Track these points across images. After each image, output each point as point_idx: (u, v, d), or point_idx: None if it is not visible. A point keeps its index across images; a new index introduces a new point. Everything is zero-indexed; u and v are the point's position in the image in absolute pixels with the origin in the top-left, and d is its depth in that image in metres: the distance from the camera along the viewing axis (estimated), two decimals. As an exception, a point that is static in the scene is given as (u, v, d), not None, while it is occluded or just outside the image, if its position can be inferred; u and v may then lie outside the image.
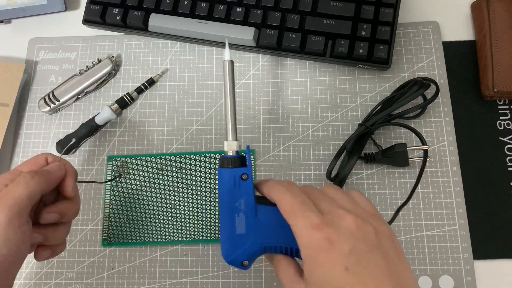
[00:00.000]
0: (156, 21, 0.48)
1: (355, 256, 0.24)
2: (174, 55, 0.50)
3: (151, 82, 0.49)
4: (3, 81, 0.49)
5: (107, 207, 0.45)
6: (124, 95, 0.48)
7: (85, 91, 0.49)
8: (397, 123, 0.43)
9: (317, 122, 0.47)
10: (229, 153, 0.32)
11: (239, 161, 0.32)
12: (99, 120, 0.47)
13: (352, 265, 0.24)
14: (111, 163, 0.47)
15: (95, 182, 0.46)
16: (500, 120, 0.45)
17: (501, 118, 0.46)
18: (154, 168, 0.46)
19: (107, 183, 0.46)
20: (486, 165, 0.44)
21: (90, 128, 0.47)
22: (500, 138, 0.45)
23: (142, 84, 0.49)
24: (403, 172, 0.44)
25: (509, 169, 0.44)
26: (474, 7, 0.48)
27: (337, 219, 0.26)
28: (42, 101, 0.48)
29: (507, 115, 0.46)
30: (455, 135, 0.45)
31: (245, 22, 0.47)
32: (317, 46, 0.45)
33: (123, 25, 0.49)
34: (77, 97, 0.49)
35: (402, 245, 0.42)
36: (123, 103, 0.48)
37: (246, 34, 0.46)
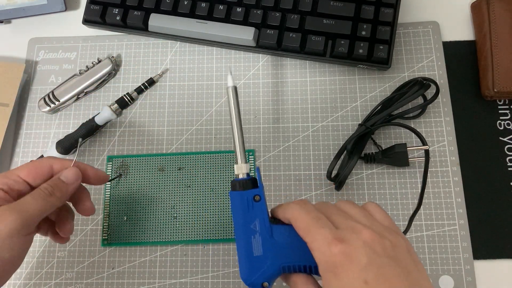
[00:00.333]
0: (156, 21, 0.48)
1: (374, 269, 0.24)
2: (174, 55, 0.50)
3: (151, 82, 0.49)
4: (3, 81, 0.49)
5: (107, 207, 0.45)
6: (124, 95, 0.48)
7: (85, 91, 0.49)
8: (397, 123, 0.43)
9: (317, 122, 0.47)
10: (240, 176, 0.32)
11: (251, 183, 0.32)
12: (99, 120, 0.47)
13: (371, 278, 0.24)
14: (111, 163, 0.47)
15: (95, 182, 0.46)
16: (500, 120, 0.45)
17: (501, 118, 0.46)
18: (154, 168, 0.46)
19: (107, 183, 0.46)
20: (486, 165, 0.44)
21: (90, 128, 0.47)
22: (500, 138, 0.45)
23: (142, 84, 0.49)
24: (403, 172, 0.44)
25: (509, 169, 0.44)
26: (474, 7, 0.48)
27: (353, 233, 0.26)
28: (42, 101, 0.48)
29: (507, 115, 0.46)
30: (455, 135, 0.45)
31: (245, 22, 0.47)
32: (317, 46, 0.45)
33: (123, 25, 0.49)
34: (77, 97, 0.49)
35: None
36: (123, 103, 0.48)
37: (246, 34, 0.46)
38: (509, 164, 0.44)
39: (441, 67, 0.47)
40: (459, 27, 0.49)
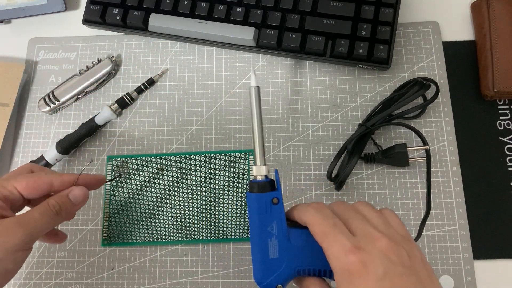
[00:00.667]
0: (156, 21, 0.48)
1: (390, 279, 0.24)
2: (174, 55, 0.50)
3: (151, 82, 0.49)
4: (3, 81, 0.49)
5: (107, 207, 0.45)
6: (124, 95, 0.48)
7: (85, 91, 0.49)
8: (399, 123, 0.43)
9: (317, 122, 0.47)
10: (258, 178, 0.32)
11: (269, 186, 0.31)
12: (99, 120, 0.47)
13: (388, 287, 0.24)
14: (111, 163, 0.47)
15: (95, 182, 0.46)
16: (500, 120, 0.45)
17: (501, 118, 0.45)
18: (154, 168, 0.46)
19: (107, 183, 0.46)
20: (486, 165, 0.44)
21: (90, 128, 0.47)
22: (500, 138, 0.45)
23: (142, 84, 0.49)
24: (403, 172, 0.44)
25: (509, 169, 0.44)
26: (474, 7, 0.48)
27: (370, 241, 0.26)
28: (42, 101, 0.48)
29: (507, 115, 0.46)
30: (455, 135, 0.45)
31: (245, 22, 0.47)
32: (317, 46, 0.45)
33: (123, 25, 0.49)
34: (77, 97, 0.49)
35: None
36: (123, 103, 0.48)
37: (246, 34, 0.46)
38: (509, 164, 0.44)
39: (441, 67, 0.47)
40: (459, 27, 0.49)
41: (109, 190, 0.46)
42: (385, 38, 0.44)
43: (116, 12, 0.49)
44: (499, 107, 0.46)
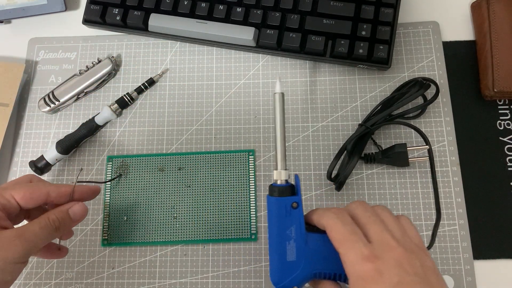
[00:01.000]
0: (156, 21, 0.48)
1: (404, 287, 0.25)
2: (174, 55, 0.50)
3: (151, 82, 0.49)
4: (3, 81, 0.49)
5: (107, 207, 0.45)
6: (124, 95, 0.48)
7: (85, 91, 0.49)
8: (401, 122, 0.43)
9: (317, 122, 0.47)
10: (278, 182, 0.33)
11: (290, 190, 0.32)
12: (99, 120, 0.47)
13: None
14: (111, 163, 0.47)
15: (95, 182, 0.46)
16: (500, 120, 0.45)
17: (501, 118, 0.45)
18: (154, 168, 0.46)
19: (107, 183, 0.46)
20: (486, 165, 0.44)
21: (90, 128, 0.47)
22: (500, 138, 0.45)
23: (142, 84, 0.49)
24: (403, 172, 0.44)
25: (509, 169, 0.44)
26: (474, 7, 0.48)
27: (386, 250, 0.27)
28: (42, 101, 0.48)
29: (507, 115, 0.46)
30: (455, 135, 0.45)
31: (245, 22, 0.47)
32: (317, 46, 0.45)
33: (123, 25, 0.49)
34: (77, 97, 0.49)
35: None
36: (123, 103, 0.48)
37: (246, 34, 0.46)
38: (509, 164, 0.44)
39: (441, 67, 0.47)
40: (459, 27, 0.49)
41: (109, 190, 0.46)
42: (385, 38, 0.44)
43: (116, 12, 0.49)
44: (499, 107, 0.46)
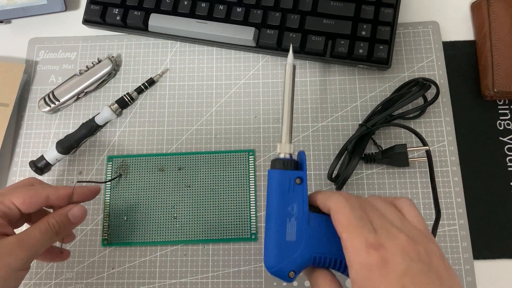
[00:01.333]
0: (156, 21, 0.48)
1: (410, 276, 0.24)
2: (174, 55, 0.50)
3: (151, 82, 0.49)
4: (3, 81, 0.49)
5: (107, 207, 0.45)
6: (124, 95, 0.48)
7: (85, 91, 0.49)
8: (398, 124, 0.43)
9: (317, 122, 0.47)
10: (282, 156, 0.30)
11: (294, 164, 0.29)
12: (99, 120, 0.47)
13: (408, 286, 0.24)
14: (111, 163, 0.47)
15: (95, 182, 0.46)
16: (500, 120, 0.45)
17: (501, 118, 0.45)
18: (154, 168, 0.46)
19: (107, 183, 0.46)
20: (486, 165, 0.44)
21: (90, 128, 0.47)
22: (500, 138, 0.45)
23: (142, 84, 0.49)
24: (403, 172, 0.44)
25: (509, 169, 0.44)
26: (474, 7, 0.48)
27: (391, 238, 0.25)
28: (42, 101, 0.48)
29: (507, 115, 0.46)
30: (455, 135, 0.45)
31: (245, 22, 0.47)
32: (317, 46, 0.45)
33: (123, 25, 0.49)
34: (77, 97, 0.49)
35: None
36: (123, 103, 0.48)
37: (246, 34, 0.46)
38: (509, 164, 0.44)
39: (441, 67, 0.47)
40: (459, 27, 0.49)
41: (109, 190, 0.46)
42: (385, 38, 0.44)
43: (116, 12, 0.49)
44: (499, 107, 0.46)
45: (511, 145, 0.45)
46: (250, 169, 0.45)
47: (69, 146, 0.46)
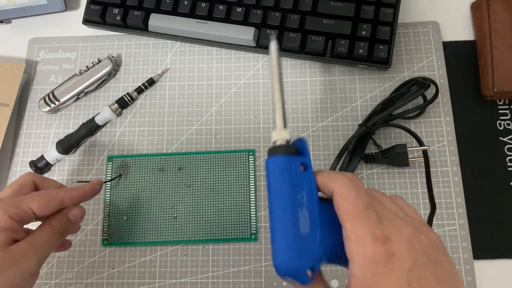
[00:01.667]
0: (156, 21, 0.48)
1: (417, 271, 0.23)
2: (174, 55, 0.50)
3: (151, 82, 0.49)
4: (3, 81, 0.49)
5: (107, 207, 0.45)
6: (124, 95, 0.48)
7: (85, 91, 0.49)
8: (396, 125, 0.43)
9: (317, 122, 0.47)
10: (278, 143, 0.26)
11: (295, 150, 0.26)
12: (99, 120, 0.47)
13: (415, 281, 0.22)
14: (111, 163, 0.47)
15: (95, 182, 0.46)
16: (500, 120, 0.45)
17: (501, 118, 0.46)
18: (154, 168, 0.46)
19: (107, 183, 0.46)
20: (486, 165, 0.44)
21: (90, 128, 0.47)
22: (500, 138, 0.45)
23: (142, 84, 0.49)
24: (403, 172, 0.44)
25: (509, 169, 0.44)
26: (474, 7, 0.48)
27: (397, 230, 0.24)
28: (42, 101, 0.48)
29: (507, 115, 0.46)
30: (455, 135, 0.45)
31: (245, 22, 0.47)
32: (317, 46, 0.45)
33: (123, 25, 0.49)
34: (77, 97, 0.49)
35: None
36: (123, 103, 0.48)
37: (246, 34, 0.46)
38: (509, 164, 0.44)
39: (441, 67, 0.47)
40: (459, 27, 0.49)
41: (109, 190, 0.46)
42: (385, 38, 0.44)
43: (116, 12, 0.49)
44: (499, 107, 0.46)
45: (511, 145, 0.45)
46: (250, 169, 0.45)
47: (69, 146, 0.46)
